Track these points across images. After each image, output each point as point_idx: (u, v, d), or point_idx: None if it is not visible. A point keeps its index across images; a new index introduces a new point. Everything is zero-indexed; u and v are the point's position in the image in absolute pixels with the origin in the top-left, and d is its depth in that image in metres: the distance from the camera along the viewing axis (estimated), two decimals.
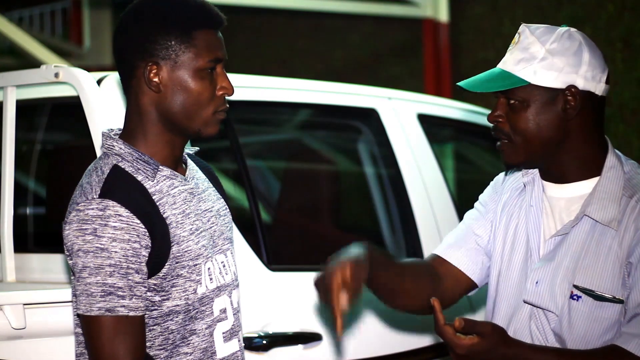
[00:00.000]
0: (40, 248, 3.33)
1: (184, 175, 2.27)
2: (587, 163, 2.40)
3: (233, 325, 2.30)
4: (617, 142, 8.02)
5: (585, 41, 2.38)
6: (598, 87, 2.37)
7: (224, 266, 2.30)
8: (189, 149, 2.39)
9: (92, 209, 2.10)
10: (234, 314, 2.30)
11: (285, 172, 4.48)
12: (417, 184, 3.77)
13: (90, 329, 2.11)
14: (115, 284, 2.09)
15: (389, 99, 3.87)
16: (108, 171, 2.16)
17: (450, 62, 9.30)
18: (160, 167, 2.21)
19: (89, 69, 3.14)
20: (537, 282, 2.39)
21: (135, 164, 2.18)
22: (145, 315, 2.15)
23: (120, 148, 2.20)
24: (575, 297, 2.33)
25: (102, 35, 12.46)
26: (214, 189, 2.38)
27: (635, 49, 8.27)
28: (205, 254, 2.23)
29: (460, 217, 3.82)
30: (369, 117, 3.82)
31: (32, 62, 7.87)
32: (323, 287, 2.25)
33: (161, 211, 2.16)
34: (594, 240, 2.34)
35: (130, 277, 2.10)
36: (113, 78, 3.07)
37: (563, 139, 2.37)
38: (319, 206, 4.08)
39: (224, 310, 2.27)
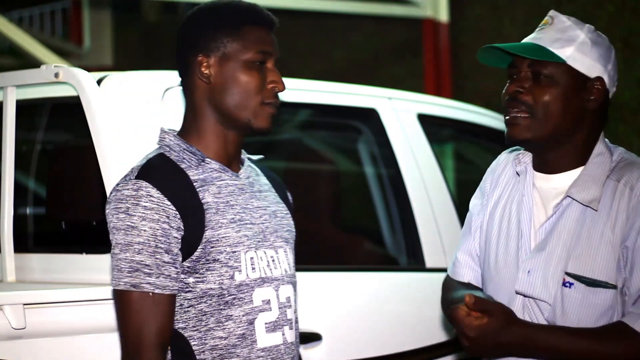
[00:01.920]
0: (40, 248, 3.33)
1: (237, 173, 2.38)
2: (580, 153, 2.42)
3: (278, 318, 2.35)
4: (617, 142, 8.02)
5: (609, 43, 2.44)
6: (613, 90, 2.42)
7: (273, 261, 2.37)
8: (253, 156, 2.49)
9: (128, 189, 2.24)
10: (279, 308, 2.36)
11: (285, 172, 4.48)
12: (417, 184, 3.77)
13: (117, 303, 2.25)
14: (142, 261, 2.21)
15: (389, 99, 3.87)
16: (152, 157, 2.32)
17: (450, 62, 9.29)
18: (208, 159, 2.34)
19: (89, 69, 3.14)
20: (529, 272, 2.40)
21: (181, 154, 2.32)
22: (180, 297, 2.27)
23: (170, 140, 2.35)
24: (567, 284, 2.34)
25: (102, 35, 12.47)
26: (275, 194, 2.48)
27: (635, 49, 8.28)
28: (248, 244, 2.32)
29: (460, 217, 3.83)
30: (369, 117, 3.82)
31: (32, 62, 7.87)
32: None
33: (200, 197, 2.28)
34: (585, 227, 2.35)
35: (158, 256, 2.22)
36: (113, 78, 3.08)
37: (576, 126, 2.39)
38: (319, 206, 4.08)
39: (267, 302, 2.34)
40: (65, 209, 3.25)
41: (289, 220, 2.48)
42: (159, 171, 2.27)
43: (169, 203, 2.23)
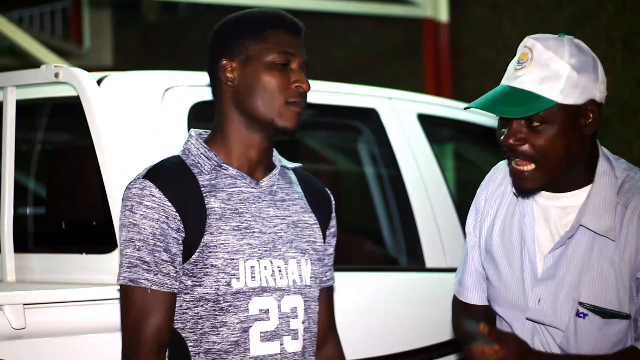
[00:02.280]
0: (40, 248, 3.33)
1: (259, 180, 2.39)
2: (586, 171, 2.34)
3: (277, 327, 2.36)
4: (617, 142, 8.03)
5: (592, 52, 2.33)
6: (604, 98, 2.33)
7: (279, 271, 2.38)
8: (289, 164, 2.49)
9: (135, 187, 2.30)
10: (280, 318, 2.36)
11: None
12: (417, 184, 3.77)
13: (120, 296, 2.31)
14: (142, 257, 2.27)
15: (389, 99, 3.87)
16: (166, 159, 2.37)
17: (450, 62, 9.30)
18: (226, 165, 2.36)
19: (89, 69, 3.14)
20: (539, 301, 2.35)
21: (197, 158, 2.36)
22: (180, 298, 2.31)
23: (192, 144, 2.39)
24: (581, 314, 2.29)
25: (102, 35, 12.48)
26: (305, 204, 2.48)
27: (635, 49, 8.28)
28: (250, 253, 2.33)
29: (461, 217, 3.83)
30: (369, 117, 3.82)
31: (32, 62, 7.88)
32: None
33: (206, 202, 2.31)
34: (595, 253, 2.30)
35: (156, 254, 2.27)
36: (113, 78, 3.07)
37: (580, 154, 2.31)
38: None
39: (265, 311, 2.34)
40: (65, 209, 3.25)
41: (312, 231, 2.47)
42: (167, 173, 2.31)
43: (169, 204, 2.27)
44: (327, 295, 2.55)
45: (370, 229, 4.40)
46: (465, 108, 2.39)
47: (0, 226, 3.09)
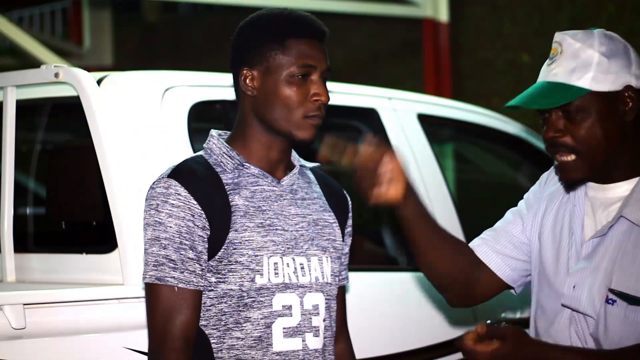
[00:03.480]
0: (40, 248, 3.32)
1: (279, 179, 2.42)
2: (633, 163, 2.35)
3: (300, 324, 2.38)
4: None
5: (624, 40, 2.36)
6: None
7: (302, 268, 2.40)
8: (308, 163, 2.52)
9: (160, 187, 2.32)
10: (302, 314, 2.39)
11: None
12: (417, 184, 3.76)
13: (146, 296, 2.33)
14: (168, 255, 2.28)
15: (389, 99, 3.87)
16: (189, 158, 2.40)
17: (450, 62, 9.30)
18: (248, 164, 2.38)
19: (89, 69, 3.13)
20: (574, 286, 2.35)
21: (219, 157, 2.39)
22: (204, 295, 2.32)
23: (214, 143, 2.41)
24: (610, 301, 2.29)
25: (102, 35, 12.47)
26: (324, 203, 2.51)
27: (635, 49, 8.27)
28: (273, 249, 2.36)
29: (461, 217, 3.83)
30: (369, 117, 3.82)
31: (32, 62, 7.87)
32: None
33: (230, 199, 2.34)
34: (631, 242, 2.29)
35: (182, 252, 2.29)
36: (113, 78, 3.07)
37: (623, 142, 2.32)
38: None
39: (288, 307, 2.37)
40: (65, 209, 3.25)
41: (332, 230, 2.49)
42: (191, 172, 2.33)
43: (195, 202, 2.29)
44: (341, 294, 2.59)
45: (370, 229, 4.39)
46: (504, 108, 2.41)
47: (0, 226, 3.09)
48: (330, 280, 2.46)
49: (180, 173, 2.33)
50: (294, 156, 2.51)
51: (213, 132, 2.45)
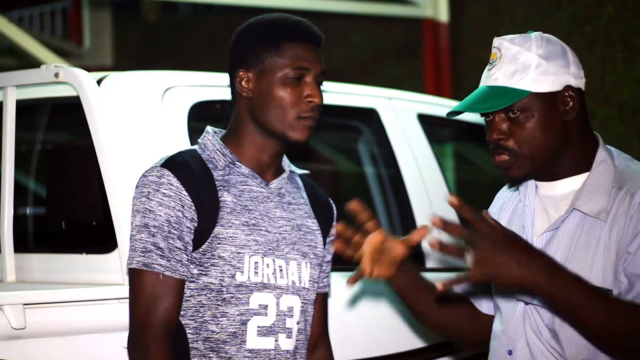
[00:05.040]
0: (40, 248, 3.32)
1: (268, 182, 2.46)
2: (579, 159, 2.39)
3: (274, 324, 2.42)
4: (617, 142, 8.02)
5: (561, 41, 2.40)
6: (582, 83, 2.39)
7: (280, 270, 2.44)
8: (298, 170, 2.55)
9: (152, 175, 2.35)
10: (277, 315, 2.43)
11: None
12: (417, 184, 3.77)
13: (130, 280, 2.35)
14: (156, 243, 2.32)
15: (389, 99, 3.87)
16: (183, 151, 2.44)
17: (450, 62, 9.30)
18: (239, 164, 2.43)
19: (89, 69, 3.13)
20: None
21: (212, 154, 2.43)
22: (185, 285, 2.35)
23: (208, 140, 2.46)
24: None
25: (102, 35, 12.48)
26: (310, 210, 2.55)
27: (635, 49, 8.28)
28: (255, 249, 2.40)
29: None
30: (369, 117, 3.82)
31: (32, 62, 7.88)
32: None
33: (219, 195, 2.38)
34: (584, 233, 2.34)
35: (170, 241, 2.32)
36: (113, 78, 3.07)
37: (566, 141, 2.37)
38: None
39: (264, 307, 2.41)
40: (65, 209, 3.25)
41: (314, 237, 2.54)
42: (184, 164, 2.37)
43: (186, 194, 2.33)
44: (322, 301, 2.62)
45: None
46: (448, 114, 2.45)
47: (0, 226, 3.09)
48: (307, 285, 2.50)
49: (174, 164, 2.36)
50: (285, 161, 2.54)
51: (209, 128, 2.49)
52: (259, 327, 2.40)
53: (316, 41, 2.45)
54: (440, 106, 4.20)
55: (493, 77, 2.37)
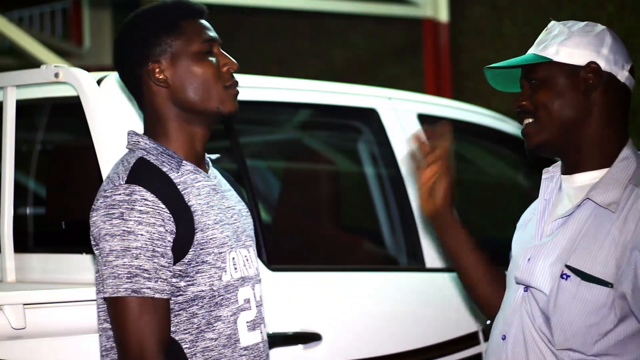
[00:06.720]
0: (40, 248, 3.33)
1: (207, 173, 2.38)
2: (602, 151, 2.41)
3: (256, 316, 2.39)
4: None
5: (609, 31, 2.44)
6: (621, 74, 2.41)
7: (247, 260, 2.40)
8: (212, 156, 2.47)
9: (119, 194, 2.21)
10: (256, 306, 2.40)
11: (285, 172, 4.48)
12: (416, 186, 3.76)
13: (117, 310, 2.20)
14: (141, 265, 2.18)
15: (389, 99, 3.87)
16: (134, 162, 2.28)
17: (450, 62, 9.29)
18: (184, 161, 2.32)
19: (89, 69, 3.14)
20: (529, 259, 2.41)
21: (159, 157, 2.30)
22: (171, 301, 2.24)
23: (146, 143, 2.32)
24: (564, 276, 2.33)
25: (102, 35, 12.46)
26: (235, 193, 2.48)
27: (635, 49, 8.27)
28: (230, 244, 2.33)
29: (460, 217, 3.82)
30: (369, 117, 3.82)
31: (32, 62, 7.87)
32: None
33: (186, 199, 2.27)
34: (594, 224, 2.35)
35: (155, 260, 2.19)
36: (113, 78, 3.08)
37: (584, 118, 2.40)
38: (319, 206, 4.08)
39: (247, 301, 2.37)
40: (65, 209, 3.25)
41: (250, 219, 2.49)
42: (147, 175, 2.25)
43: (163, 206, 2.22)
44: None
45: (370, 229, 4.40)
46: (486, 68, 2.53)
47: (0, 226, 3.09)
48: (259, 269, 2.48)
49: (140, 177, 2.23)
50: None
51: (133, 131, 2.37)
52: (247, 322, 2.35)
53: (203, 13, 2.40)
54: (440, 106, 4.21)
55: (531, 49, 2.47)
